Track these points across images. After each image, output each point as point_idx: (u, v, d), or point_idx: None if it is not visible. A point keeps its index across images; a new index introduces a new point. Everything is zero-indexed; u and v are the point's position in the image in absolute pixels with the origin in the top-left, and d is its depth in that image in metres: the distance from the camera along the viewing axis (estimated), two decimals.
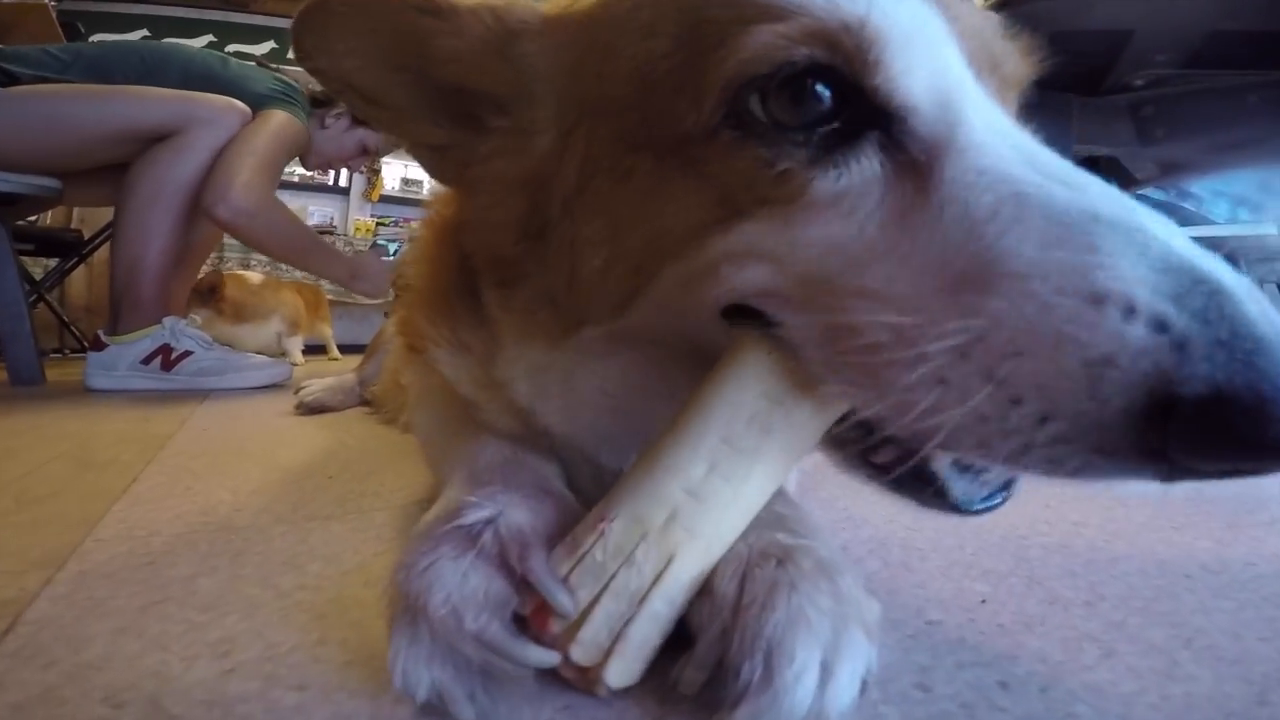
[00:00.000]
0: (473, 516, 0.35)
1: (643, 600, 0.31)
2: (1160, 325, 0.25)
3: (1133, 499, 0.72)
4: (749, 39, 0.31)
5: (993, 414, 0.27)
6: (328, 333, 3.41)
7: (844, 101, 0.32)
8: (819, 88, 0.32)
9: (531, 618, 0.32)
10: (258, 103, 1.74)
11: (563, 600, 0.31)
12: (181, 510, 0.64)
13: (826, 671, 0.29)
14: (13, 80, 1.59)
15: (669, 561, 0.31)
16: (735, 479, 0.32)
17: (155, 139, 1.62)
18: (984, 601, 0.45)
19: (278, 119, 1.73)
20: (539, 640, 0.31)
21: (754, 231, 0.33)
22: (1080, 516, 0.65)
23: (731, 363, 0.34)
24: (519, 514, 0.36)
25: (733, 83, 0.32)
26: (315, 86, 1.98)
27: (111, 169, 1.68)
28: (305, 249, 1.80)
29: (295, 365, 2.70)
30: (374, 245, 2.40)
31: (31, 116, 1.57)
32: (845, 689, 0.29)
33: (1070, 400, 0.25)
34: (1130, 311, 0.25)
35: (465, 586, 0.31)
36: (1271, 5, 1.27)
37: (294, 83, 1.87)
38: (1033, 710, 0.32)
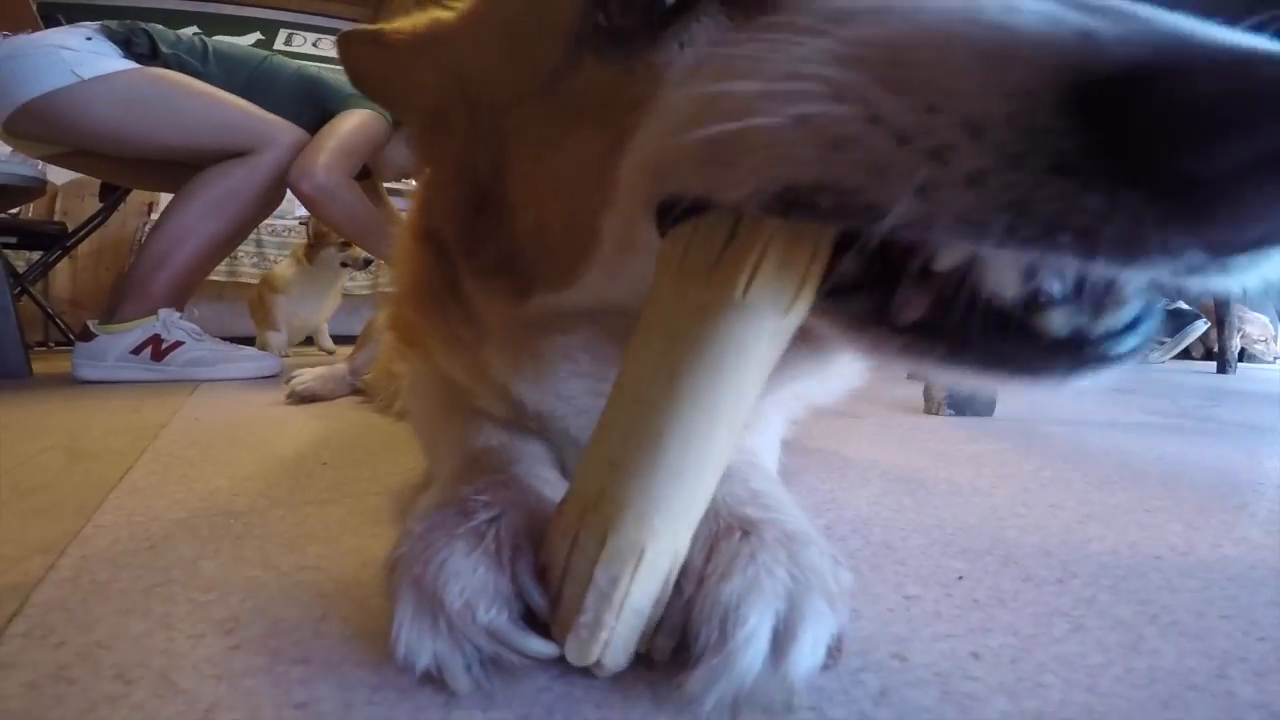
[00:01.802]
0: (481, 516, 0.36)
1: (589, 579, 0.30)
2: (1057, 23, 0.20)
3: (1109, 483, 0.74)
4: None
5: (938, 139, 0.21)
6: (324, 329, 3.44)
7: None
8: None
9: None
10: (349, 103, 1.89)
11: (537, 600, 0.32)
12: (179, 497, 0.64)
13: (786, 637, 0.30)
14: (155, 53, 1.71)
15: (604, 538, 0.30)
16: (650, 435, 0.29)
17: (231, 152, 1.74)
18: (961, 578, 0.47)
19: (359, 115, 1.88)
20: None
21: (643, 141, 0.33)
22: (1057, 499, 0.67)
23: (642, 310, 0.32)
24: (517, 515, 0.37)
25: (576, 3, 0.35)
26: None
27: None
28: (372, 229, 1.89)
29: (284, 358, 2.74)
30: None
31: (160, 102, 1.68)
32: (807, 654, 0.30)
33: (993, 104, 0.20)
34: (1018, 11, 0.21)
35: (477, 582, 0.32)
36: (1253, 2, 1.29)
37: None
38: (1004, 679, 0.34)
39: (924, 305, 0.26)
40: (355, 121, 1.86)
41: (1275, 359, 3.69)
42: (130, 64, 1.66)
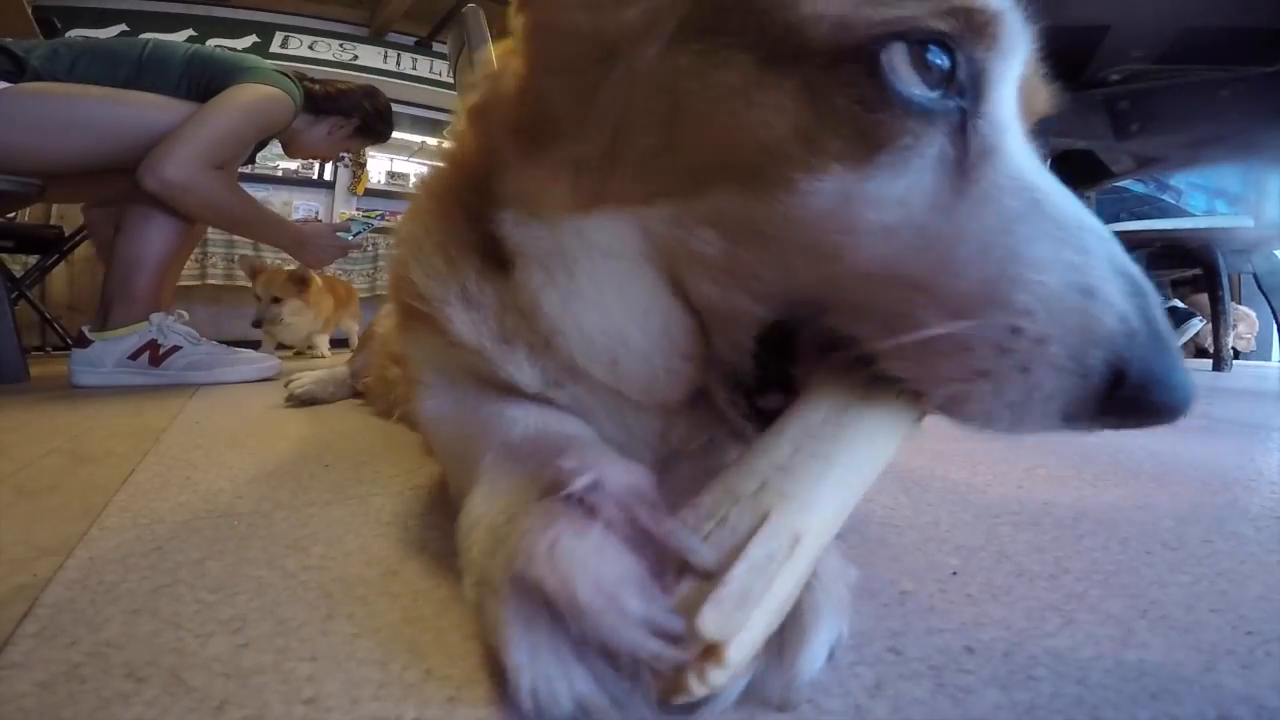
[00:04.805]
0: (581, 482, 0.32)
1: (741, 549, 0.29)
2: (1124, 319, 0.31)
3: (1102, 480, 0.75)
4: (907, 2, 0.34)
5: (1021, 399, 0.31)
6: (354, 328, 3.49)
7: (946, 80, 0.35)
8: (939, 58, 0.35)
9: None
10: (244, 77, 1.75)
11: (706, 555, 0.29)
12: (182, 499, 0.65)
13: (799, 640, 0.30)
14: (18, 67, 1.58)
15: (763, 518, 0.30)
16: (819, 456, 0.33)
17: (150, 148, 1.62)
18: (955, 574, 0.47)
19: (247, 92, 1.72)
20: None
21: (819, 195, 0.35)
22: (1050, 495, 0.68)
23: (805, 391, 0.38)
24: (619, 473, 0.33)
25: (882, 34, 0.34)
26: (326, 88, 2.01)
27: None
28: (245, 219, 1.82)
29: (322, 358, 2.81)
30: (354, 219, 2.46)
31: (51, 117, 1.56)
32: (815, 656, 0.31)
33: (1071, 379, 0.31)
34: (1109, 305, 0.31)
35: (612, 565, 0.28)
36: (1242, 2, 1.30)
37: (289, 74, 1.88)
38: (996, 672, 0.35)
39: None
40: (235, 102, 1.70)
41: (1250, 352, 3.73)
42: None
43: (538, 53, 0.43)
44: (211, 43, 3.72)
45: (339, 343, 3.41)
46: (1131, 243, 3.02)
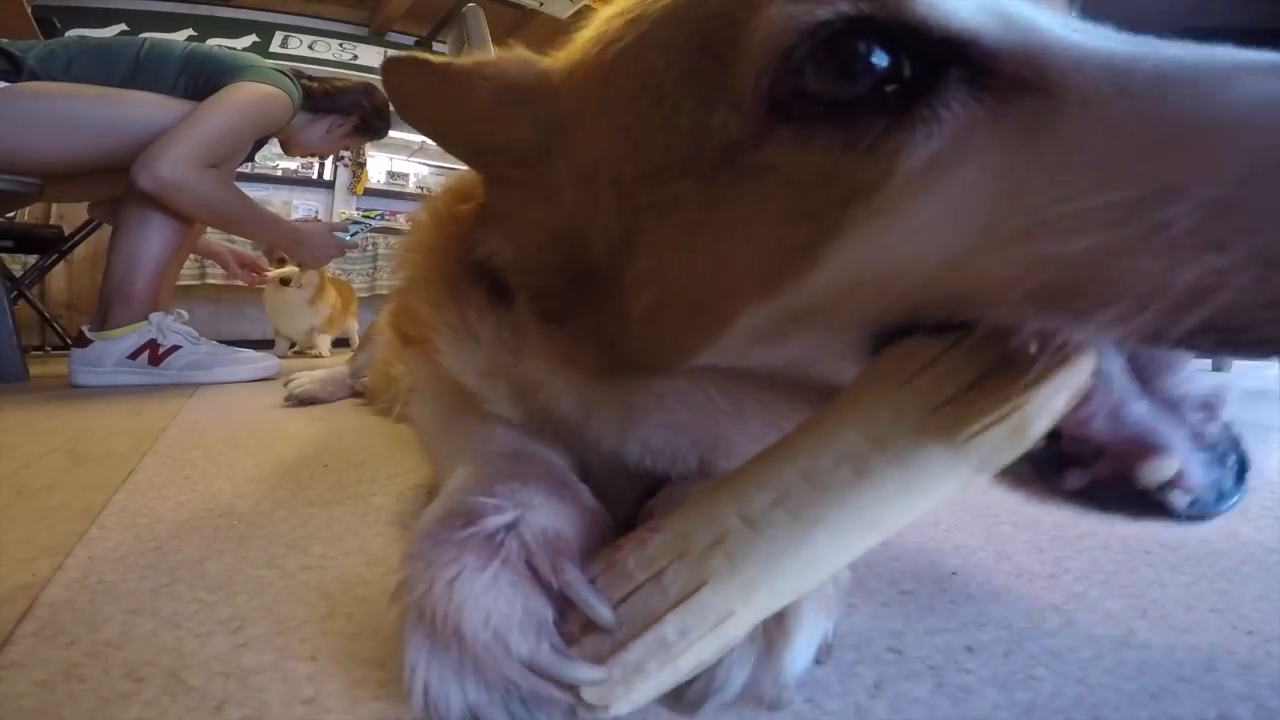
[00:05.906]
0: (493, 521, 0.32)
1: (655, 621, 0.27)
2: None
3: None
4: (769, 13, 0.28)
5: (1254, 278, 0.21)
6: (354, 327, 3.50)
7: (897, 53, 0.28)
8: (864, 44, 0.28)
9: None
10: (242, 75, 1.73)
11: (603, 613, 0.28)
12: (182, 499, 0.65)
13: (782, 639, 0.30)
14: (15, 66, 1.57)
15: (698, 588, 0.27)
16: (805, 519, 0.27)
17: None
18: (954, 573, 0.47)
19: (245, 90, 1.71)
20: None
21: (860, 246, 0.28)
22: None
23: (839, 397, 0.30)
24: (542, 515, 0.33)
25: (769, 65, 0.28)
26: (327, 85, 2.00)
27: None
28: (241, 218, 1.81)
29: (322, 357, 2.81)
30: (352, 220, 2.44)
31: (49, 117, 1.55)
32: (801, 655, 0.30)
33: None
34: None
35: (504, 604, 0.28)
36: (1241, 3, 1.30)
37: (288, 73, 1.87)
38: (996, 672, 0.35)
39: (1084, 481, 0.30)
40: (232, 100, 1.68)
41: None
42: None
43: (527, 275, 0.42)
44: (211, 42, 3.71)
45: (339, 343, 3.42)
46: None
